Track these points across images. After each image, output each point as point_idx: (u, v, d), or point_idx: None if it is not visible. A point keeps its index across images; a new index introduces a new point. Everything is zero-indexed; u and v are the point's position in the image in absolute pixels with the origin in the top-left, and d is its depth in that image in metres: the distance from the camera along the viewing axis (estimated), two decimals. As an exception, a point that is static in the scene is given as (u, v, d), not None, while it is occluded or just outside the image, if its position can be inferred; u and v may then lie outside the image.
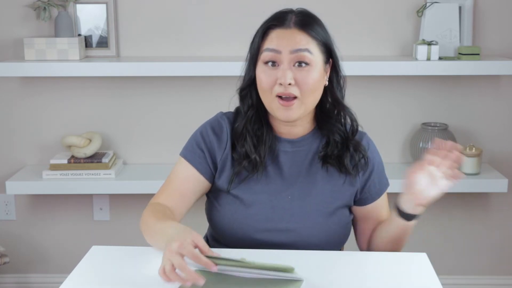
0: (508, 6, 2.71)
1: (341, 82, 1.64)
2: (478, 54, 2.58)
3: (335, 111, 1.63)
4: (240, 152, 1.62)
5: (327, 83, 1.61)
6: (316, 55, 1.55)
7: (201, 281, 1.27)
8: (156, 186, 2.55)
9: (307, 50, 1.53)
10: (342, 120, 1.64)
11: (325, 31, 1.59)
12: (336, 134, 1.62)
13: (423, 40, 2.60)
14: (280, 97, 1.53)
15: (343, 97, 1.64)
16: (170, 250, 1.31)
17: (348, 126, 1.65)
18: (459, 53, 2.61)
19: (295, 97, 1.53)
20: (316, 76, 1.54)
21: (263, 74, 1.55)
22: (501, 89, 2.77)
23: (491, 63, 2.55)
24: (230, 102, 1.71)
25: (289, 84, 1.52)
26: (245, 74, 1.63)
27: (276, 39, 1.55)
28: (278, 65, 1.54)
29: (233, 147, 1.64)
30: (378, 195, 1.68)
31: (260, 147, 1.61)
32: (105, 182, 2.63)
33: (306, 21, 1.57)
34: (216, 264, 1.32)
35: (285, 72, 1.52)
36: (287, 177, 1.62)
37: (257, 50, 1.57)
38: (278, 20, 1.57)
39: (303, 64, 1.53)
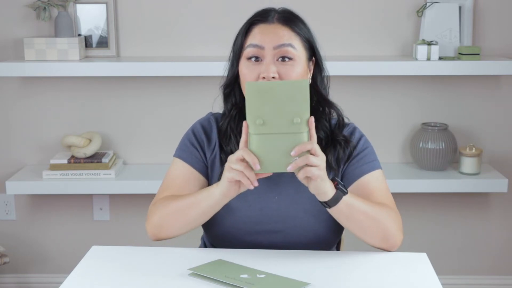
0: (508, 6, 2.71)
1: (325, 80, 1.65)
2: (478, 54, 2.58)
3: (321, 109, 1.63)
4: (226, 152, 1.62)
5: (310, 81, 1.61)
6: (299, 51, 1.56)
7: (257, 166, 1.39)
8: (156, 186, 2.56)
9: (290, 45, 1.54)
10: (327, 117, 1.64)
11: (308, 29, 1.61)
12: (320, 131, 1.61)
13: (423, 40, 2.60)
14: None
15: (327, 95, 1.65)
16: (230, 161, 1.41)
17: (334, 121, 1.65)
18: (459, 53, 2.61)
19: None
20: (299, 71, 1.55)
21: (246, 70, 1.56)
22: (501, 89, 2.77)
23: (491, 63, 2.55)
24: (214, 102, 1.72)
25: (273, 77, 1.52)
26: (228, 72, 1.64)
27: (259, 35, 1.56)
28: (261, 60, 1.55)
29: (222, 148, 1.64)
30: (358, 176, 1.62)
31: None
32: (105, 182, 2.63)
33: (289, 17, 1.59)
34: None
35: (268, 66, 1.53)
36: (273, 177, 1.59)
37: (240, 47, 1.58)
38: (261, 16, 1.59)
39: (287, 59, 1.54)
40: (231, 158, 1.42)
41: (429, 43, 2.58)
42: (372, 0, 2.70)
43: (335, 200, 1.45)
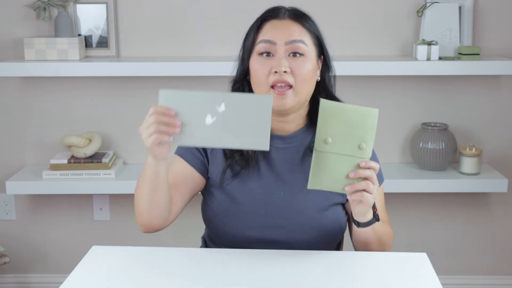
0: (508, 6, 2.71)
1: (332, 80, 1.68)
2: (478, 54, 2.58)
3: None
4: None
5: (319, 78, 1.64)
6: (310, 47, 1.59)
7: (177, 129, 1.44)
8: (156, 186, 2.57)
9: (301, 41, 1.57)
10: None
11: (317, 27, 1.64)
12: None
13: (423, 40, 2.60)
14: (274, 87, 1.56)
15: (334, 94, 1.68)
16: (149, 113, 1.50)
17: None
18: (459, 53, 2.61)
19: (289, 87, 1.55)
20: (310, 67, 1.58)
21: (258, 65, 1.58)
22: (501, 89, 2.77)
23: (491, 63, 2.55)
24: None
25: (285, 72, 1.54)
26: (238, 67, 1.65)
27: (271, 31, 1.58)
28: (273, 55, 1.57)
29: None
30: None
31: None
32: (105, 182, 2.63)
33: (300, 14, 1.62)
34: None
35: (280, 61, 1.55)
36: (279, 174, 1.63)
37: (252, 43, 1.60)
38: (272, 12, 1.61)
39: (298, 55, 1.57)
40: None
41: (429, 43, 2.58)
42: (372, 0, 2.70)
43: (367, 223, 1.54)
